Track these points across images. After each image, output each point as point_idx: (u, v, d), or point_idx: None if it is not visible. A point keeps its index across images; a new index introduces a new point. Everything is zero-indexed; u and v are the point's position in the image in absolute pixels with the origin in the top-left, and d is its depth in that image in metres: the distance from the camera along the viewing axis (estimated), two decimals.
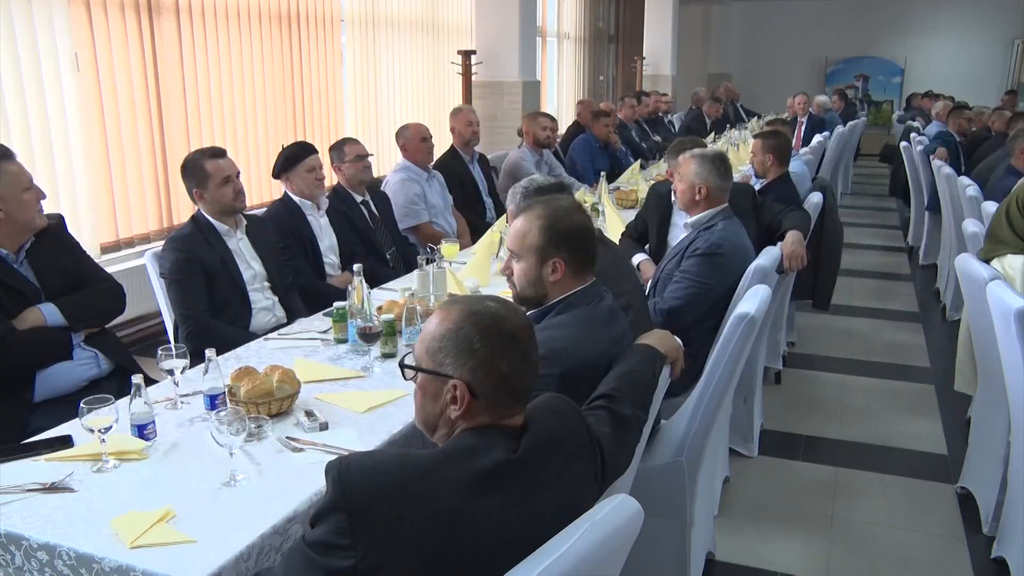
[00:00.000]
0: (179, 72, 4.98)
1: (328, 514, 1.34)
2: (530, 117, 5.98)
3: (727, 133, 9.31)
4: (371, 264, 3.91)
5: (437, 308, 1.55)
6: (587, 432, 1.62)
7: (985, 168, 5.91)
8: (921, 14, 15.07)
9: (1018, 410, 2.70)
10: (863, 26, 15.38)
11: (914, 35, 15.24)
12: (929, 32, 15.13)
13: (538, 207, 2.10)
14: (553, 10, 10.35)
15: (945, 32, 15.05)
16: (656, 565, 2.56)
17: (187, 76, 5.02)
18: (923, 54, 15.24)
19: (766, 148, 4.49)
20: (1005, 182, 4.64)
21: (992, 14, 14.66)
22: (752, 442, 3.74)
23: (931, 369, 4.92)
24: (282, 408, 2.24)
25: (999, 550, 2.97)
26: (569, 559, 1.29)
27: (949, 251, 6.03)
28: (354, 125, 6.62)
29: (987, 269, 2.97)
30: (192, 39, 5.03)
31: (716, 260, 3.16)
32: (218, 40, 5.20)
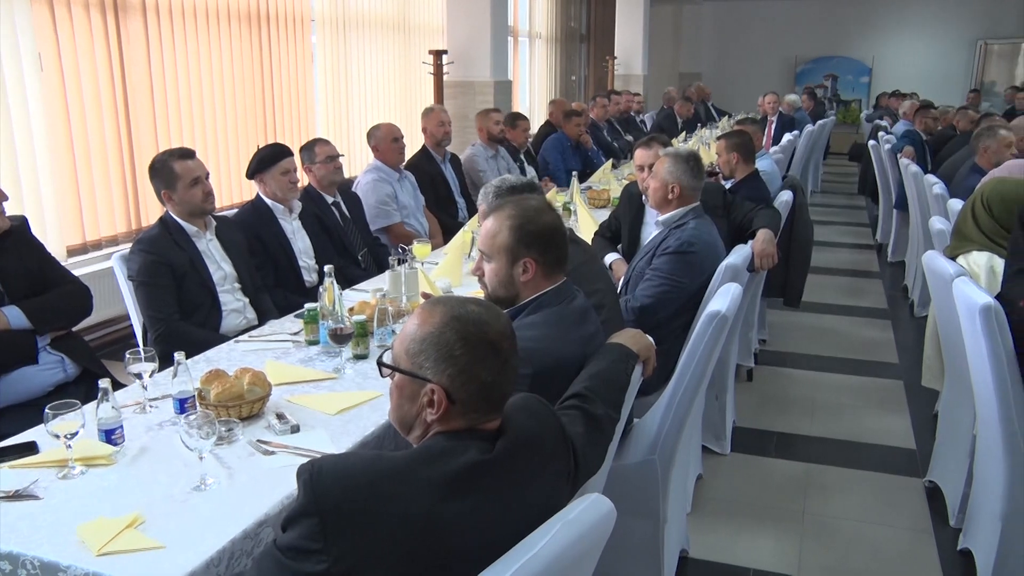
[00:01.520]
0: (147, 72, 4.92)
1: (300, 518, 1.33)
2: (482, 114, 5.98)
3: (698, 132, 9.36)
4: (343, 265, 3.89)
5: (418, 308, 1.53)
6: (560, 432, 1.62)
7: (951, 166, 5.99)
8: (888, 15, 15.27)
9: (983, 404, 2.74)
10: (832, 26, 15.55)
11: (881, 35, 15.43)
12: (896, 32, 15.33)
13: (508, 207, 2.10)
14: (525, 10, 10.36)
15: (911, 33, 15.26)
16: (630, 563, 2.56)
17: (155, 76, 4.96)
18: (890, 54, 15.44)
19: (730, 147, 4.52)
20: (970, 180, 4.70)
21: (956, 15, 14.91)
22: (724, 439, 3.77)
23: (900, 365, 4.98)
24: (253, 411, 2.22)
25: (965, 542, 3.01)
26: (542, 558, 1.29)
27: (917, 248, 6.10)
28: (325, 125, 6.58)
29: (953, 266, 3.00)
30: (160, 39, 4.98)
31: (687, 258, 3.18)
32: (186, 40, 5.15)
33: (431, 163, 5.31)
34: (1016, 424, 2.55)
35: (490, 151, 5.90)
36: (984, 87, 14.27)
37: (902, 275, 6.88)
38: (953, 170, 5.70)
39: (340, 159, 4.17)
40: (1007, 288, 2.70)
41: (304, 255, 3.84)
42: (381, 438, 2.18)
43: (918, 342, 4.97)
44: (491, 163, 5.85)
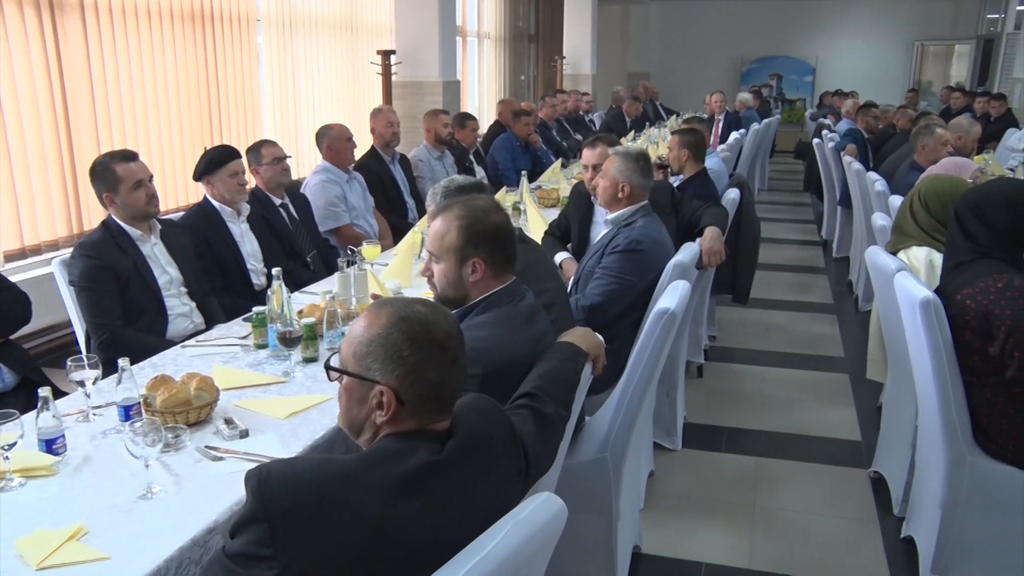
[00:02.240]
0: (86, 72, 4.81)
1: (248, 524, 1.31)
2: (431, 115, 5.95)
3: (647, 131, 9.44)
4: (291, 268, 3.85)
5: (365, 310, 1.52)
6: (511, 431, 1.62)
7: (891, 164, 6.13)
8: (830, 16, 15.58)
9: (924, 396, 2.81)
10: (776, 27, 15.81)
11: (824, 36, 15.74)
12: (838, 33, 15.65)
13: (456, 208, 2.09)
14: (473, 10, 10.34)
15: (852, 33, 15.60)
16: (583, 560, 2.58)
17: (95, 76, 4.85)
18: (833, 54, 15.76)
19: (682, 144, 4.56)
20: (909, 177, 4.81)
21: (894, 17, 15.31)
22: (676, 435, 3.81)
23: (845, 359, 5.08)
24: (200, 417, 2.19)
25: (908, 530, 3.09)
26: (494, 559, 1.29)
27: (860, 244, 6.23)
28: (272, 126, 6.50)
29: (894, 261, 3.07)
30: (99, 38, 4.87)
31: (636, 256, 3.21)
32: (127, 39, 5.05)
33: (380, 164, 5.28)
34: (955, 414, 2.61)
35: (435, 152, 5.88)
36: (921, 87, 14.64)
37: (847, 270, 7.02)
38: (894, 167, 5.83)
39: (288, 160, 4.12)
40: (945, 282, 2.77)
41: (252, 258, 3.79)
42: (332, 441, 2.17)
43: (863, 336, 5.08)
44: (436, 164, 5.84)
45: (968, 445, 2.64)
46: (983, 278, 2.56)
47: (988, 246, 2.64)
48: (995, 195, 2.67)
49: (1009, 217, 2.61)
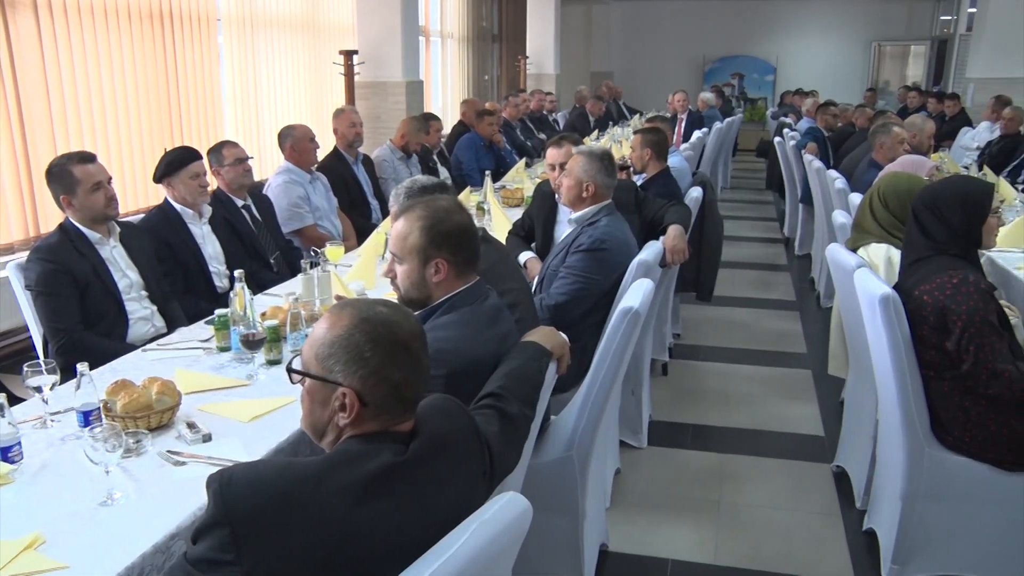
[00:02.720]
0: (41, 72, 4.72)
1: (210, 529, 1.30)
2: (414, 124, 5.94)
3: (610, 130, 9.49)
4: (254, 269, 3.82)
5: (327, 311, 1.51)
6: (475, 432, 1.62)
7: (851, 162, 6.21)
8: (790, 16, 15.80)
9: (884, 390, 2.85)
10: (737, 27, 15.98)
11: (785, 36, 15.94)
12: (798, 33, 15.87)
13: (418, 208, 2.09)
14: (436, 9, 10.32)
15: (812, 33, 15.82)
16: (550, 559, 2.58)
17: (50, 76, 4.76)
18: (793, 54, 15.96)
19: (645, 143, 4.57)
20: (868, 175, 4.88)
21: (852, 18, 15.58)
22: (641, 433, 3.83)
23: (808, 355, 5.14)
24: (162, 421, 2.16)
25: (869, 522, 3.14)
26: (459, 559, 1.29)
27: (822, 241, 6.30)
28: (233, 127, 6.43)
29: (854, 258, 3.12)
30: (54, 37, 4.78)
31: (600, 255, 3.22)
32: (83, 38, 4.96)
33: (343, 164, 5.25)
34: (913, 408, 2.66)
35: (399, 152, 5.86)
36: (879, 86, 14.88)
37: (809, 267, 7.10)
38: (853, 165, 5.91)
39: (249, 161, 4.08)
40: (903, 278, 2.81)
41: (214, 260, 3.75)
42: (296, 444, 2.15)
43: (825, 332, 5.14)
44: (399, 165, 5.82)
45: (926, 438, 2.69)
46: (939, 274, 2.61)
47: (944, 243, 2.69)
48: (950, 193, 2.72)
49: (963, 214, 2.66)
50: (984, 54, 10.23)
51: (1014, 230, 4.27)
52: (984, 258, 3.79)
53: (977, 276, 2.62)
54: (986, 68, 10.20)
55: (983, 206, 2.67)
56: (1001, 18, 9.96)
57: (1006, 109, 8.04)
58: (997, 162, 7.27)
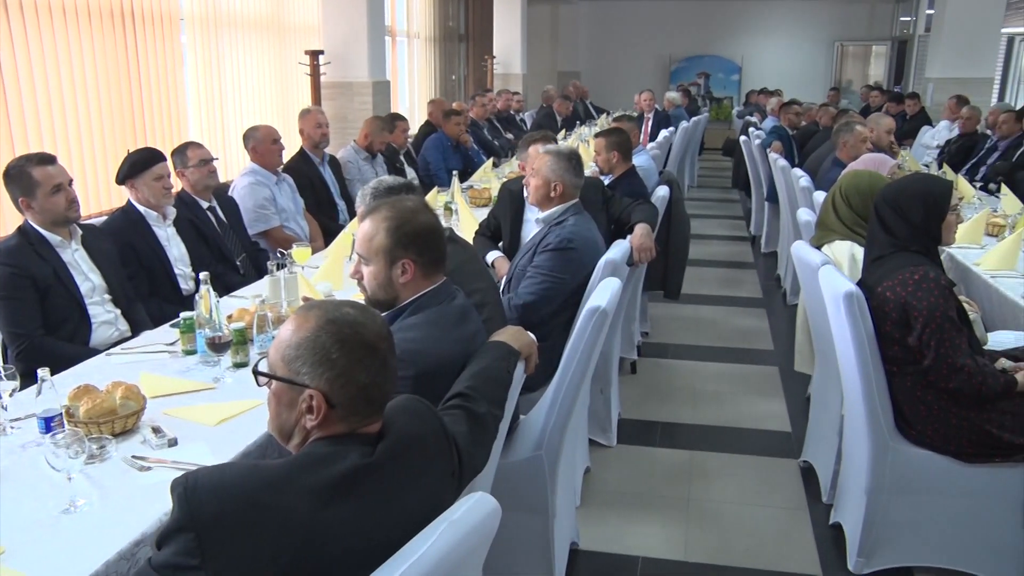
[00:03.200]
0: None
1: (175, 534, 1.29)
2: (377, 122, 5.91)
3: (577, 130, 9.51)
4: (221, 271, 3.78)
5: (293, 313, 1.50)
6: (443, 432, 1.62)
7: (815, 160, 6.28)
8: (755, 16, 15.96)
9: (849, 385, 2.89)
10: (703, 27, 16.10)
11: (749, 36, 16.10)
12: (763, 33, 16.03)
13: (384, 209, 2.08)
14: (402, 9, 10.28)
15: (777, 33, 16.00)
16: (520, 558, 2.59)
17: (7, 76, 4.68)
18: (758, 53, 16.12)
19: (610, 146, 4.56)
20: (832, 173, 4.95)
21: (815, 18, 15.79)
22: (610, 432, 3.84)
23: (775, 352, 5.19)
24: (127, 426, 2.13)
25: (836, 516, 3.18)
26: (428, 560, 1.29)
27: (787, 239, 6.35)
28: (198, 128, 6.35)
29: (819, 255, 3.15)
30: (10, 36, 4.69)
31: (568, 255, 3.23)
32: (42, 38, 4.88)
33: (309, 165, 5.22)
34: (877, 403, 2.70)
35: (363, 153, 5.84)
36: (842, 85, 15.08)
37: (775, 265, 7.17)
38: (817, 164, 5.98)
39: (214, 163, 4.04)
40: (866, 275, 2.85)
41: (180, 262, 3.71)
42: (264, 447, 2.13)
43: (791, 329, 5.18)
44: (364, 166, 5.79)
45: (890, 432, 2.73)
46: (901, 271, 2.65)
47: (905, 239, 2.73)
48: (911, 190, 2.76)
49: (924, 211, 2.70)
50: (942, 54, 10.41)
51: (972, 227, 4.34)
52: (944, 254, 3.86)
53: (937, 272, 2.66)
54: (944, 68, 10.38)
55: (942, 204, 2.72)
56: (957, 20, 10.14)
57: (964, 108, 8.19)
58: (956, 160, 7.40)
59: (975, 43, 10.10)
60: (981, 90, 9.95)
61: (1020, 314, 3.27)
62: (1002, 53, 11.36)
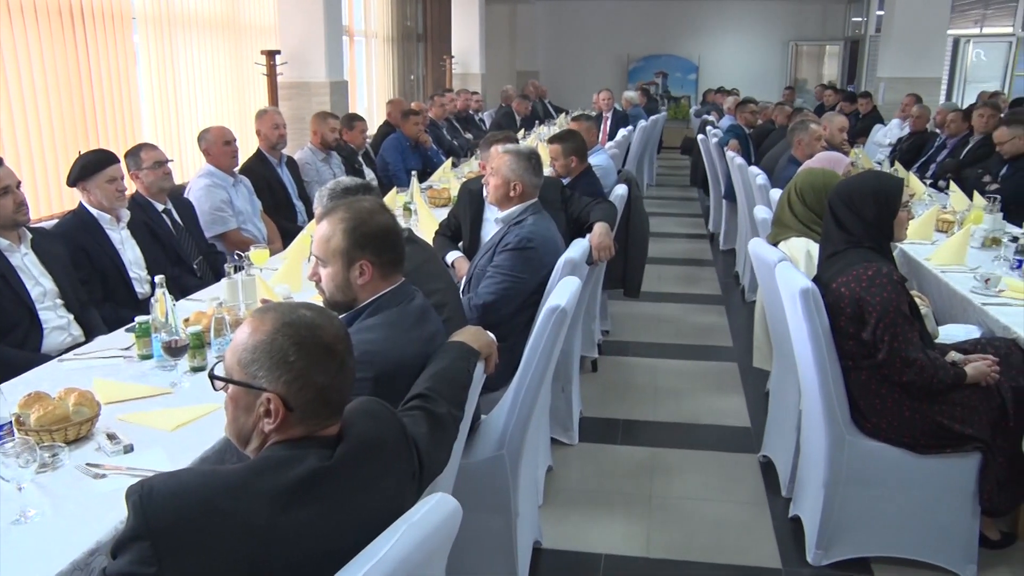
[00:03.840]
0: None
1: (130, 542, 1.26)
2: (319, 117, 5.86)
3: (536, 129, 9.54)
4: (177, 274, 3.73)
5: (248, 316, 1.49)
6: (403, 433, 1.62)
7: (771, 158, 6.36)
8: (711, 16, 16.11)
9: (806, 380, 2.93)
10: (660, 26, 16.22)
11: (706, 35, 16.25)
12: (719, 33, 16.20)
13: (340, 210, 2.07)
14: (360, 9, 10.21)
15: (733, 33, 16.17)
16: (483, 558, 2.58)
17: None
18: (714, 53, 16.28)
19: (568, 151, 4.50)
20: (788, 171, 5.01)
21: (770, 18, 16.00)
22: (572, 430, 3.85)
23: (734, 348, 5.25)
24: (80, 433, 2.09)
25: (795, 509, 3.22)
26: (389, 562, 1.28)
27: (745, 236, 6.42)
28: (152, 130, 6.25)
29: (775, 252, 3.19)
30: None
31: (527, 254, 3.23)
32: None
33: (266, 167, 5.16)
34: (834, 397, 2.74)
35: (320, 154, 5.79)
36: (797, 84, 15.28)
37: (733, 262, 7.24)
38: (774, 162, 6.06)
39: (169, 164, 3.99)
40: (822, 271, 2.90)
41: (134, 266, 3.65)
42: (222, 452, 2.10)
43: (750, 326, 5.25)
44: (322, 167, 5.75)
45: (846, 426, 2.78)
46: (855, 267, 2.70)
47: (859, 236, 2.78)
48: (863, 187, 2.81)
49: (876, 208, 2.75)
50: (892, 55, 10.62)
51: (923, 223, 4.43)
52: (896, 250, 3.93)
53: (890, 268, 2.71)
54: (894, 68, 10.58)
55: (894, 200, 2.77)
56: (906, 21, 10.35)
57: (914, 107, 8.35)
58: (907, 158, 7.55)
59: (923, 44, 10.32)
60: (929, 89, 10.15)
61: (969, 308, 3.34)
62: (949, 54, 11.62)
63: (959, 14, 11.31)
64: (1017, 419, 2.70)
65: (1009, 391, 2.73)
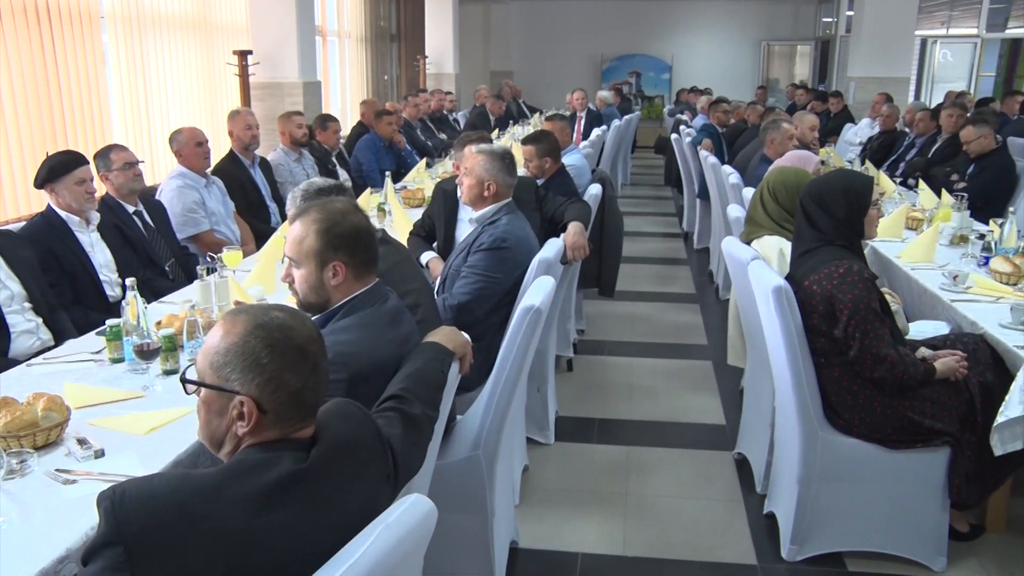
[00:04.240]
0: None
1: (102, 549, 1.25)
2: (284, 117, 5.84)
3: (511, 129, 9.54)
4: (149, 277, 3.70)
5: (220, 319, 1.47)
6: (377, 435, 1.61)
7: (743, 157, 6.41)
8: (684, 16, 16.22)
9: (779, 377, 2.95)
10: (634, 26, 16.29)
11: (679, 35, 16.35)
12: (692, 33, 16.30)
13: (313, 211, 2.06)
14: (332, 9, 10.16)
15: (706, 33, 16.29)
16: (460, 559, 2.58)
17: None
18: (687, 52, 16.38)
19: (541, 152, 4.50)
20: (760, 170, 5.05)
21: (742, 18, 16.14)
22: (548, 429, 3.86)
23: (708, 346, 5.28)
24: (50, 439, 2.06)
25: (769, 506, 3.25)
26: (364, 564, 1.27)
27: (719, 235, 6.46)
28: (123, 131, 6.19)
29: (748, 251, 3.22)
30: None
31: (501, 254, 3.23)
32: None
33: (239, 168, 5.12)
34: (807, 394, 2.77)
35: (293, 155, 5.76)
36: (769, 84, 15.42)
37: (708, 261, 7.28)
38: (746, 160, 6.10)
39: (140, 166, 3.95)
40: (794, 269, 2.92)
41: (105, 269, 3.61)
42: (196, 455, 2.09)
43: (724, 324, 5.28)
44: (295, 167, 5.72)
45: (819, 422, 2.80)
46: (827, 264, 2.72)
47: (830, 234, 2.80)
48: (834, 186, 2.84)
49: (846, 206, 2.78)
50: (862, 54, 10.74)
51: (893, 221, 4.48)
52: (867, 248, 3.97)
53: (861, 266, 2.74)
54: (864, 68, 10.70)
55: (864, 198, 2.80)
56: (874, 22, 10.48)
57: (884, 107, 8.45)
58: (877, 157, 7.64)
59: (891, 44, 10.45)
60: (898, 89, 10.27)
61: (938, 304, 3.38)
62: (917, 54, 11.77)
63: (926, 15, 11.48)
64: (985, 414, 2.73)
65: (977, 386, 2.77)
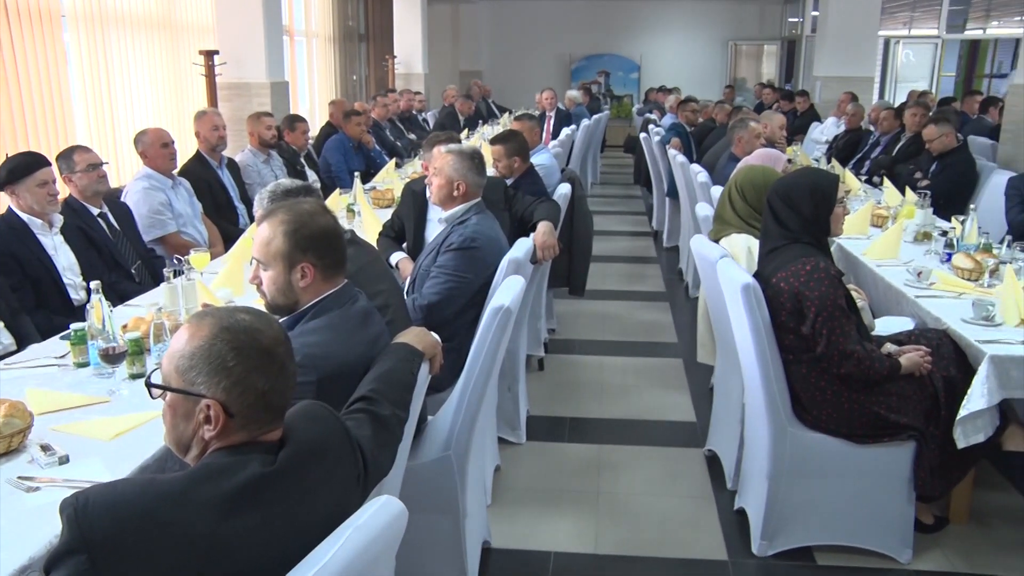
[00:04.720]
0: None
1: (65, 556, 1.23)
2: (253, 117, 5.79)
3: (480, 129, 9.53)
4: (114, 280, 3.65)
5: (185, 322, 1.46)
6: (347, 436, 1.60)
7: (712, 156, 6.46)
8: (652, 16, 16.30)
9: (748, 374, 2.98)
10: (602, 26, 16.35)
11: (647, 35, 16.43)
12: (660, 32, 16.39)
13: (280, 212, 2.04)
14: (300, 8, 10.09)
15: (674, 32, 16.39)
16: (432, 560, 2.58)
17: None
18: (656, 52, 16.47)
19: (511, 152, 4.48)
20: (728, 168, 5.08)
21: (709, 18, 16.27)
22: (519, 429, 3.86)
23: (678, 344, 5.31)
24: (12, 446, 2.03)
25: (740, 502, 3.27)
26: (334, 567, 1.26)
27: (688, 233, 6.50)
28: (86, 132, 6.10)
29: (717, 249, 3.24)
30: None
31: (471, 254, 3.23)
32: None
33: (206, 169, 5.07)
34: (776, 390, 2.79)
35: (261, 156, 5.72)
36: (737, 83, 15.56)
37: (677, 259, 7.31)
38: (714, 159, 6.14)
39: (104, 167, 3.89)
40: (762, 266, 2.94)
41: (69, 272, 3.56)
42: (163, 460, 2.06)
43: (694, 322, 5.30)
44: (263, 168, 5.68)
45: (788, 418, 2.83)
46: (794, 262, 2.75)
47: (797, 231, 2.83)
48: (801, 184, 2.87)
49: (813, 204, 2.81)
50: (827, 54, 10.87)
51: (859, 218, 4.54)
52: (834, 245, 4.02)
53: (827, 263, 2.77)
54: (829, 67, 10.83)
55: (830, 196, 2.83)
56: (839, 22, 10.61)
57: (849, 105, 8.55)
58: (843, 155, 7.73)
59: (856, 44, 10.58)
60: (863, 88, 10.40)
61: (903, 301, 3.43)
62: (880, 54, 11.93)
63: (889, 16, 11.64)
64: (948, 407, 2.78)
65: (941, 380, 2.81)
